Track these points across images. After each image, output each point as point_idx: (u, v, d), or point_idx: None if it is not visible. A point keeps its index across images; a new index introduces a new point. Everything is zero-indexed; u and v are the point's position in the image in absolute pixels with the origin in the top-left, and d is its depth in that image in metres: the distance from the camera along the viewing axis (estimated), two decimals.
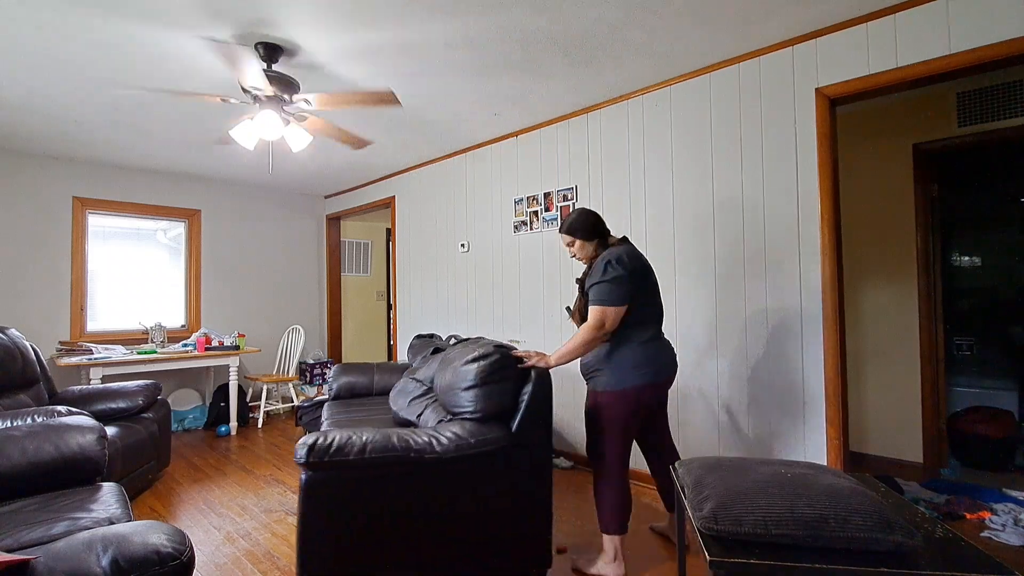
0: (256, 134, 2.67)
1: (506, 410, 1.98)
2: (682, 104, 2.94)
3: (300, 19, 2.26)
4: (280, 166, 4.65)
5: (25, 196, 4.18)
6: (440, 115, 3.48)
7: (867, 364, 3.52)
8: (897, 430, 3.39)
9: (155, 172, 4.82)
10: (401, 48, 2.53)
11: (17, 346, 2.80)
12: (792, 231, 2.52)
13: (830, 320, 2.38)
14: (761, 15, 2.30)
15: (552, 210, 3.59)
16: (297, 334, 5.21)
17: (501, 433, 1.92)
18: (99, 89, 2.98)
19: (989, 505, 2.62)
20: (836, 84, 2.39)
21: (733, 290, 2.72)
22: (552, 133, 3.62)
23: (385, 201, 5.18)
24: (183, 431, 4.57)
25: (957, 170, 3.83)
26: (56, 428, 1.97)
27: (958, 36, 2.09)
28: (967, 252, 4.04)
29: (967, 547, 1.19)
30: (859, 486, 1.28)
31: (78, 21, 2.26)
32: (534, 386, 1.98)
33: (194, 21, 2.27)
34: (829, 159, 2.42)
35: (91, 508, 1.64)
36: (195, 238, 5.07)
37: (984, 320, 3.93)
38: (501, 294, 3.98)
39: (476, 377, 1.97)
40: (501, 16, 2.26)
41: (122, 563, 1.09)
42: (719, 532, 1.22)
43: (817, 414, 2.42)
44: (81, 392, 3.09)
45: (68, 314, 4.35)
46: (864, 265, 3.54)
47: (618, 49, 2.58)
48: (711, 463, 1.53)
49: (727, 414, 2.74)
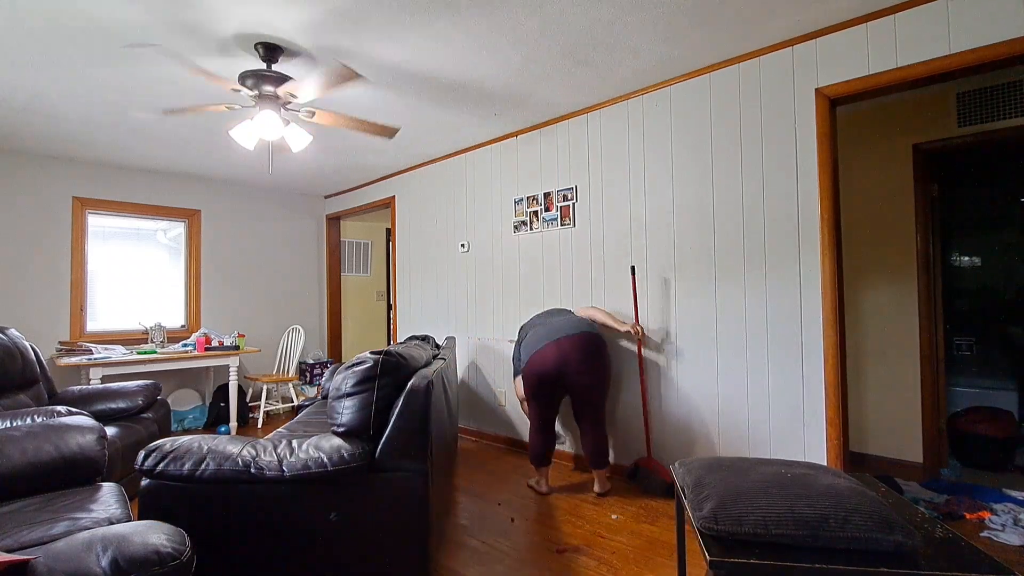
0: (256, 134, 2.67)
1: (375, 426, 1.80)
2: (682, 104, 2.94)
3: (297, 20, 2.26)
4: (280, 166, 4.65)
5: (25, 196, 4.18)
6: (439, 116, 3.48)
7: (867, 364, 3.52)
8: (897, 430, 3.38)
9: (155, 172, 4.82)
10: (400, 50, 2.53)
11: (17, 346, 2.80)
12: (792, 231, 2.52)
13: (830, 320, 2.38)
14: (761, 15, 2.30)
15: (552, 210, 3.59)
16: (297, 334, 5.21)
17: (357, 452, 1.73)
18: (100, 98, 3.05)
19: (989, 505, 2.62)
20: (836, 84, 2.39)
21: (733, 289, 2.72)
22: (552, 133, 3.62)
23: (385, 201, 5.18)
24: (183, 431, 4.57)
25: (957, 170, 3.84)
26: (56, 428, 1.97)
27: (958, 36, 2.09)
28: (967, 252, 4.05)
29: (967, 547, 1.19)
30: (859, 486, 1.29)
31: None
32: (403, 402, 1.80)
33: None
34: (829, 159, 2.42)
35: (91, 508, 1.64)
36: (195, 238, 5.07)
37: (984, 320, 3.93)
38: (501, 294, 3.98)
39: (345, 386, 1.81)
40: (500, 16, 2.26)
41: (122, 563, 1.09)
42: (719, 532, 1.22)
43: (817, 414, 2.42)
44: (81, 392, 3.09)
45: (68, 314, 4.34)
46: (864, 265, 3.54)
47: (618, 49, 2.58)
48: (711, 463, 1.53)
49: (726, 413, 2.74)
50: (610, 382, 3.00)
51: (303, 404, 3.84)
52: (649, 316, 3.07)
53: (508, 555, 2.24)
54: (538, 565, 2.16)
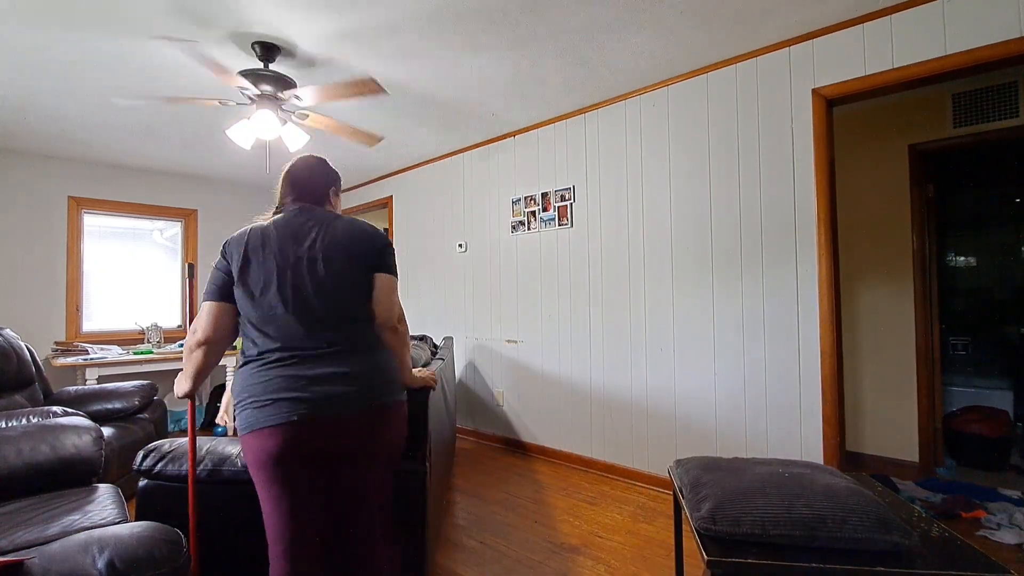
0: (253, 134, 2.66)
1: None
2: (679, 104, 2.94)
3: (293, 17, 2.26)
4: (277, 165, 4.62)
5: (20, 195, 4.15)
6: (439, 116, 3.47)
7: (863, 363, 3.53)
8: (893, 429, 3.40)
9: (151, 172, 4.80)
10: (400, 50, 2.53)
11: (12, 346, 2.79)
12: (789, 231, 2.53)
13: (826, 319, 2.39)
14: (758, 16, 2.31)
15: (550, 210, 3.59)
16: None
17: None
18: (96, 97, 3.01)
19: (984, 504, 2.63)
20: (833, 85, 2.40)
21: (730, 289, 2.73)
22: (550, 133, 3.62)
23: (383, 201, 5.17)
24: (180, 431, 4.55)
25: (953, 171, 3.86)
26: (52, 429, 1.97)
27: (953, 37, 2.10)
28: (962, 252, 4.07)
29: (963, 546, 1.20)
30: (856, 486, 1.29)
31: (75, 38, 2.29)
32: None
33: (182, 31, 2.29)
34: (825, 159, 2.43)
35: (87, 509, 1.63)
36: (191, 238, 5.05)
37: (979, 320, 3.95)
38: (499, 294, 3.98)
39: None
40: (499, 16, 2.26)
41: (118, 564, 1.08)
42: (717, 532, 1.22)
43: (814, 413, 2.43)
44: (77, 393, 3.08)
45: (63, 314, 4.32)
46: (860, 265, 3.55)
47: (615, 50, 2.58)
48: (708, 463, 1.54)
49: (724, 413, 2.74)
50: None
51: None
52: (647, 315, 3.07)
53: (506, 555, 2.24)
54: (536, 565, 2.16)
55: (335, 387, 1.30)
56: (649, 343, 3.06)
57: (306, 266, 1.36)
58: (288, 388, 1.28)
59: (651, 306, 3.05)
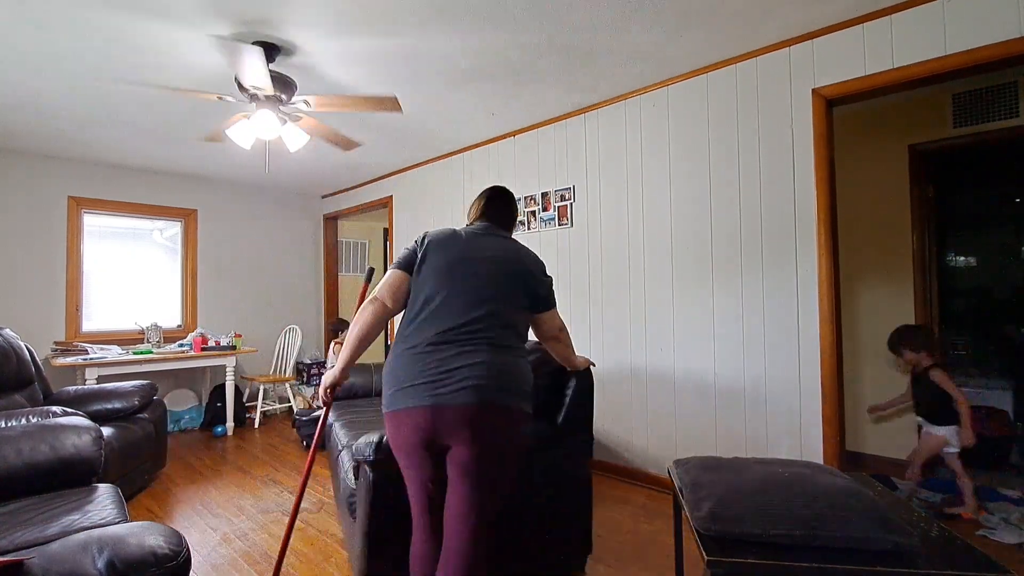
0: (253, 134, 2.66)
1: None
2: (679, 105, 2.94)
3: (301, 20, 2.26)
4: (277, 165, 4.63)
5: (20, 195, 4.15)
6: (437, 116, 3.47)
7: (863, 363, 3.53)
8: (893, 429, 3.40)
9: (151, 171, 4.80)
10: (399, 52, 2.52)
11: (12, 346, 2.79)
12: (789, 231, 2.53)
13: (827, 319, 2.39)
14: (758, 16, 2.31)
15: (550, 210, 3.59)
16: (294, 334, 5.19)
17: (543, 427, 2.01)
18: (95, 81, 2.88)
19: (984, 504, 2.63)
20: (833, 85, 2.40)
21: (730, 289, 2.73)
22: (550, 133, 3.62)
23: (383, 201, 5.17)
24: (179, 431, 4.55)
25: (952, 171, 3.86)
26: (51, 429, 1.96)
27: (953, 37, 2.10)
28: (962, 252, 4.07)
29: (963, 546, 1.20)
30: (856, 485, 1.29)
31: (74, 12, 2.22)
32: None
33: (194, 17, 2.25)
34: (825, 159, 2.43)
35: (87, 509, 1.63)
36: (191, 238, 5.05)
37: (979, 319, 3.95)
38: None
39: None
40: (499, 15, 2.26)
41: (118, 565, 1.08)
42: (717, 532, 1.22)
43: (814, 412, 2.43)
44: (76, 392, 3.08)
45: (63, 314, 4.32)
46: (860, 265, 3.55)
47: (615, 50, 2.58)
48: (709, 463, 1.54)
49: (724, 413, 2.74)
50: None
51: (299, 416, 3.91)
52: (647, 315, 3.07)
53: None
54: None
55: (472, 379, 1.39)
56: (649, 343, 3.06)
57: (478, 266, 1.53)
58: (432, 374, 1.40)
59: (651, 306, 3.05)
